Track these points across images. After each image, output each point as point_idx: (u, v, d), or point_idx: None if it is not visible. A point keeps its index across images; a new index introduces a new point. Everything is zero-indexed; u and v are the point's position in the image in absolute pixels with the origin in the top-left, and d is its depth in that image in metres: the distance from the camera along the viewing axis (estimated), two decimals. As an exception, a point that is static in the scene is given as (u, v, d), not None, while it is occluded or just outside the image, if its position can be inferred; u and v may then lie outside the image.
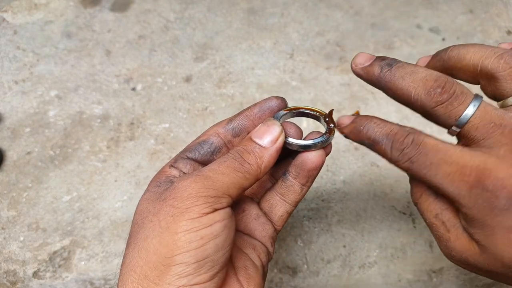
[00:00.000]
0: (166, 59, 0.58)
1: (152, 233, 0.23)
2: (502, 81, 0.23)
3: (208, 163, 0.27)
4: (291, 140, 0.27)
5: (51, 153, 0.50)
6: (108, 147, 0.50)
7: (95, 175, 0.48)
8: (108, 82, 0.56)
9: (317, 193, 0.48)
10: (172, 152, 0.50)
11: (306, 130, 0.44)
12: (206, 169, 0.24)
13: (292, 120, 0.30)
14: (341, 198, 0.47)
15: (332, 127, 0.28)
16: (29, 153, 0.50)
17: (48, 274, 0.43)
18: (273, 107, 0.29)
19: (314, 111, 0.30)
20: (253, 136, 0.26)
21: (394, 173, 0.49)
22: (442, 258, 0.44)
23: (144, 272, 0.22)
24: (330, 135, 0.28)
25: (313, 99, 0.54)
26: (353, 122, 0.26)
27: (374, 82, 0.26)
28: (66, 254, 0.44)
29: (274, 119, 0.27)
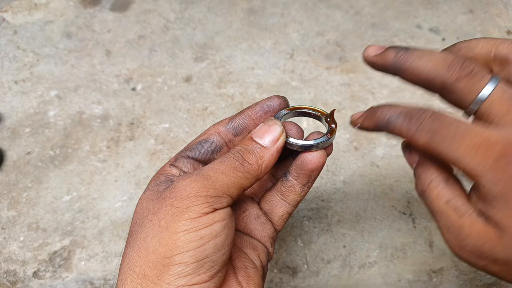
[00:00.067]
0: (166, 59, 0.58)
1: (151, 232, 0.23)
2: None
3: (208, 162, 0.27)
4: (292, 140, 0.27)
5: (51, 153, 0.50)
6: (108, 147, 0.50)
7: (95, 175, 0.48)
8: (108, 82, 0.56)
9: (317, 193, 0.48)
10: (172, 152, 0.50)
11: (306, 130, 0.44)
12: (206, 168, 0.24)
13: (292, 119, 0.30)
14: (341, 198, 0.47)
15: (333, 128, 0.28)
16: (29, 153, 0.50)
17: (48, 274, 0.43)
18: (274, 107, 0.28)
19: (316, 111, 0.29)
20: (254, 135, 0.26)
21: (394, 173, 0.49)
22: (442, 258, 0.44)
23: (143, 271, 0.22)
24: (332, 136, 0.27)
25: (313, 99, 0.54)
26: (366, 111, 0.26)
27: (389, 66, 0.25)
28: (66, 254, 0.44)
29: (275, 119, 0.27)
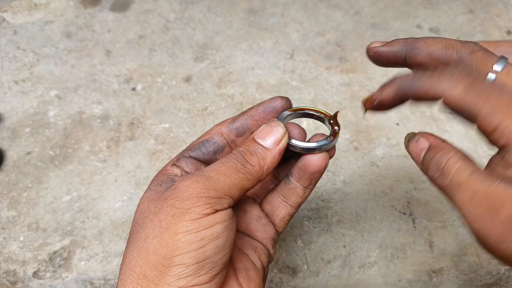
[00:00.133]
0: (166, 59, 0.58)
1: (152, 233, 0.22)
2: None
3: (210, 163, 0.27)
4: (295, 142, 0.27)
5: (51, 153, 0.50)
6: (108, 147, 0.50)
7: (95, 175, 0.48)
8: (108, 82, 0.56)
9: (317, 193, 0.48)
10: (172, 152, 0.50)
11: (306, 129, 0.44)
12: (208, 169, 0.24)
13: (292, 120, 0.30)
14: (341, 198, 0.47)
15: (336, 130, 0.28)
16: (29, 153, 0.50)
17: (48, 274, 0.43)
18: (277, 107, 0.28)
19: (319, 113, 0.29)
20: (256, 136, 0.26)
21: (394, 173, 0.49)
22: (442, 258, 0.44)
23: (143, 272, 0.22)
24: (335, 138, 0.27)
25: (313, 99, 0.54)
26: (380, 87, 0.25)
27: (400, 50, 0.25)
28: (66, 254, 0.44)
29: (278, 120, 0.27)
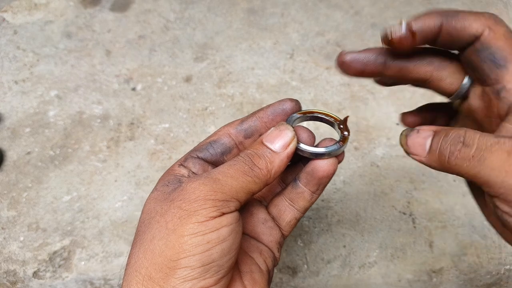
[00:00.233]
0: (166, 59, 0.58)
1: (158, 234, 0.22)
2: None
3: (218, 164, 0.27)
4: (303, 146, 0.26)
5: (51, 153, 0.50)
6: (108, 147, 0.50)
7: (95, 175, 0.48)
8: (108, 82, 0.56)
9: (317, 193, 0.48)
10: (172, 152, 0.50)
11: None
12: (216, 171, 0.24)
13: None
14: (341, 198, 0.47)
15: (346, 135, 0.27)
16: (29, 153, 0.50)
17: (48, 274, 0.43)
18: (286, 110, 0.28)
19: (329, 116, 0.29)
20: (264, 140, 0.26)
21: (394, 173, 0.49)
22: (442, 258, 0.44)
23: (149, 273, 0.22)
24: (344, 144, 0.27)
25: (313, 99, 0.54)
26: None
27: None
28: (66, 254, 0.44)
29: (287, 124, 0.26)
